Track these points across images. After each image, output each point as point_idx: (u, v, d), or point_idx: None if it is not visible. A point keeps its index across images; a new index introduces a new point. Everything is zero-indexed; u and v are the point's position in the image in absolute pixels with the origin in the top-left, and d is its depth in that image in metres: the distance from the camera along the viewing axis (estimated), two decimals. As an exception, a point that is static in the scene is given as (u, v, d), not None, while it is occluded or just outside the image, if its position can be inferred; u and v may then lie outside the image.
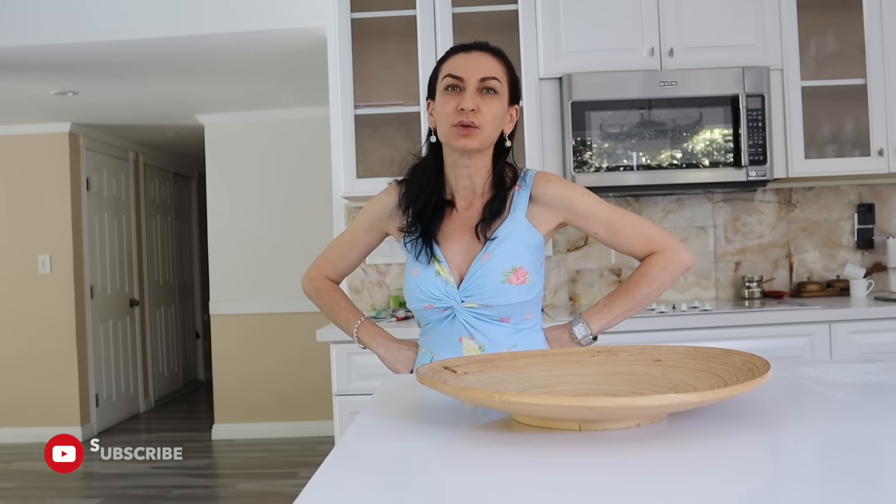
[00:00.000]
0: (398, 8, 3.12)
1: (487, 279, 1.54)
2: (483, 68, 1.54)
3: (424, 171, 1.63)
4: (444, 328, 1.60)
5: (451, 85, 1.54)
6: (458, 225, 1.61)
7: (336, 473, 0.90)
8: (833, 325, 2.78)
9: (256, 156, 5.33)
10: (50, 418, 5.26)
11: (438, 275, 1.57)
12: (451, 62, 1.57)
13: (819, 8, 3.26)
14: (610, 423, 1.00)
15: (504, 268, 1.54)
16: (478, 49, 1.58)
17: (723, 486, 0.83)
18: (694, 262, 1.61)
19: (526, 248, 1.57)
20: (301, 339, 4.80)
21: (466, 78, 1.53)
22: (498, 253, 1.55)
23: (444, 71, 1.57)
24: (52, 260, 5.35)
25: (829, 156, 3.21)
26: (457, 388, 1.01)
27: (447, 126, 1.54)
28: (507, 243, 1.55)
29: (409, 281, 1.61)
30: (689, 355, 1.20)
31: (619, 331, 2.74)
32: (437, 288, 1.57)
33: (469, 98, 1.51)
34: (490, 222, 1.57)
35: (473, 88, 1.52)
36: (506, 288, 1.54)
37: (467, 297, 1.56)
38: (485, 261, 1.55)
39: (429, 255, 1.58)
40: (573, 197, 1.60)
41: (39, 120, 5.21)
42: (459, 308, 1.57)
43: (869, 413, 1.12)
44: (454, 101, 1.53)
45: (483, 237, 1.56)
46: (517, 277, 1.54)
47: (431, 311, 1.60)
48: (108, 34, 3.55)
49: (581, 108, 2.98)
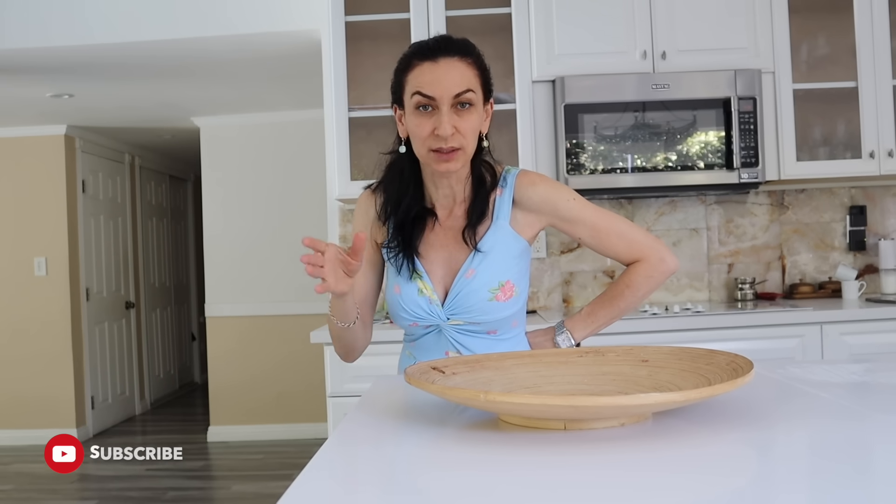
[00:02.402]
0: (392, 11, 3.13)
1: (474, 298, 1.48)
2: (456, 82, 1.41)
3: (401, 181, 1.55)
4: (429, 340, 1.56)
5: (423, 104, 1.42)
6: (440, 235, 1.54)
7: (320, 475, 0.91)
8: (824, 326, 2.79)
9: (252, 158, 5.34)
10: (46, 420, 5.26)
11: (421, 293, 1.51)
12: (417, 76, 1.43)
13: (810, 11, 3.28)
14: (595, 423, 1.01)
15: (491, 285, 1.48)
16: (444, 54, 1.43)
17: (706, 482, 0.84)
18: (678, 266, 1.58)
19: (512, 259, 1.51)
20: (296, 341, 4.81)
21: (439, 97, 1.40)
22: (483, 269, 1.49)
23: (412, 86, 1.43)
24: (47, 262, 5.35)
25: (821, 158, 3.23)
26: (443, 388, 1.02)
27: (424, 150, 1.44)
28: (492, 257, 1.49)
29: (392, 298, 1.55)
30: (674, 356, 1.22)
31: (612, 332, 2.75)
32: (420, 307, 1.51)
33: (445, 122, 1.40)
34: (475, 227, 1.50)
35: (448, 107, 1.41)
36: (493, 305, 1.49)
37: (453, 315, 1.51)
38: (469, 278, 1.49)
39: (410, 271, 1.52)
40: (558, 201, 1.53)
41: (35, 122, 5.22)
42: (445, 326, 1.52)
43: (852, 412, 1.14)
44: (429, 123, 1.41)
45: (471, 244, 1.50)
46: (504, 293, 1.49)
47: (416, 328, 1.56)
48: (103, 37, 3.56)
49: (574, 110, 2.99)
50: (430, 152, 1.43)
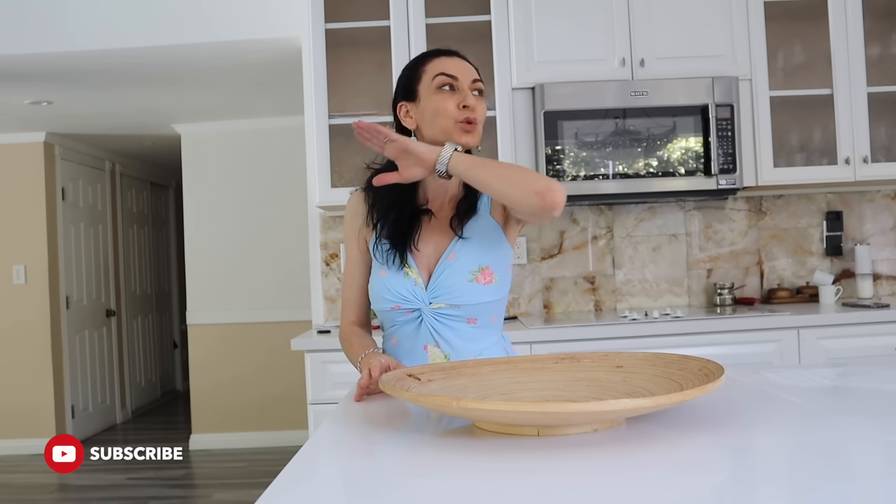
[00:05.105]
0: (372, 18, 3.14)
1: (455, 279, 1.56)
2: (472, 71, 1.59)
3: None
4: (409, 333, 1.60)
5: (446, 84, 1.56)
6: (432, 227, 1.62)
7: (295, 484, 0.91)
8: (801, 331, 2.82)
9: (233, 165, 5.33)
10: (25, 429, 5.21)
11: (407, 276, 1.58)
12: (438, 63, 1.59)
13: (786, 19, 3.32)
14: (567, 429, 1.02)
15: (471, 267, 1.56)
16: (457, 55, 1.62)
17: (678, 484, 0.85)
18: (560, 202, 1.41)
19: (490, 245, 1.59)
20: (279, 349, 4.80)
21: (461, 77, 1.56)
22: (464, 252, 1.57)
23: (434, 70, 1.58)
24: (26, 270, 5.31)
25: (798, 164, 3.27)
26: (416, 395, 1.02)
27: (450, 122, 1.54)
28: (472, 242, 1.58)
29: (377, 281, 1.61)
30: (648, 361, 1.23)
31: (591, 338, 2.79)
32: (405, 289, 1.57)
33: (470, 95, 1.55)
34: (463, 217, 1.60)
35: (468, 88, 1.56)
36: (473, 287, 1.55)
37: (435, 298, 1.56)
38: (451, 260, 1.57)
39: (401, 262, 1.58)
40: None
41: (14, 129, 5.18)
42: (427, 310, 1.58)
43: (819, 415, 1.15)
44: (453, 98, 1.54)
45: (457, 231, 1.58)
46: (484, 277, 1.56)
47: (398, 313, 1.59)
48: (82, 44, 3.54)
49: (554, 117, 3.01)
50: (456, 124, 1.53)
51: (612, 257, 3.42)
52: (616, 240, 3.42)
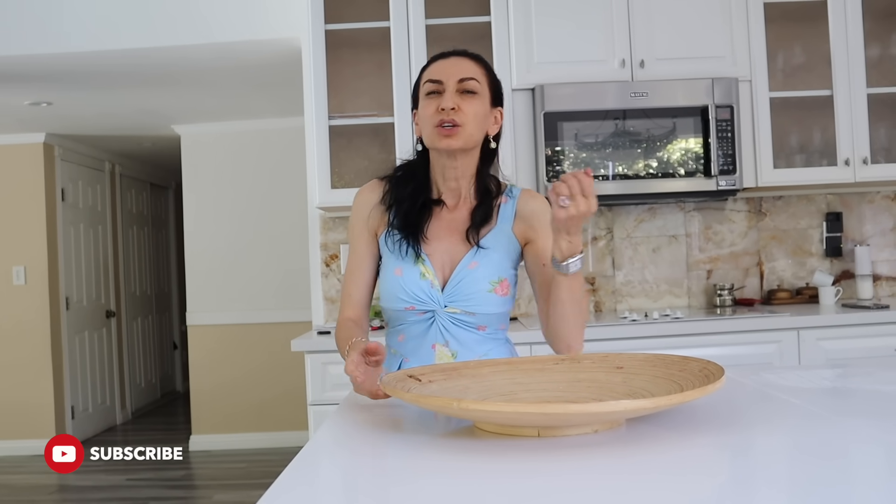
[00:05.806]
0: (372, 19, 3.14)
1: (475, 287, 1.55)
2: (461, 70, 1.56)
3: (413, 175, 1.63)
4: (418, 331, 1.59)
5: (432, 91, 1.55)
6: (444, 225, 1.60)
7: (296, 485, 0.91)
8: (801, 332, 2.82)
9: (233, 166, 5.33)
10: (25, 430, 5.20)
11: (423, 276, 1.56)
12: (430, 69, 1.59)
13: (786, 20, 3.32)
14: (568, 430, 1.02)
15: (491, 277, 1.56)
16: (456, 55, 1.60)
17: (677, 485, 0.85)
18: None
19: (510, 261, 1.59)
20: (278, 350, 4.79)
21: (445, 80, 1.55)
22: (486, 262, 1.56)
23: (425, 77, 1.59)
24: (26, 271, 5.31)
25: (798, 165, 3.27)
26: (417, 396, 1.02)
27: (430, 128, 1.54)
28: (494, 254, 1.57)
29: (391, 280, 1.58)
30: (649, 363, 1.23)
31: (591, 339, 2.78)
32: (421, 290, 1.56)
33: (448, 98, 1.52)
34: (479, 228, 1.58)
35: (453, 90, 1.54)
36: (491, 297, 1.56)
37: (451, 303, 1.56)
38: (472, 268, 1.56)
39: (415, 255, 1.57)
40: (545, 213, 1.54)
41: (13, 130, 5.18)
42: (441, 312, 1.57)
43: (819, 416, 1.15)
44: (434, 103, 1.54)
45: (473, 242, 1.57)
46: (502, 289, 1.56)
47: (410, 312, 1.59)
48: (81, 45, 3.54)
49: (553, 118, 3.01)
50: (433, 129, 1.54)
51: (612, 258, 3.42)
52: (616, 241, 3.42)
